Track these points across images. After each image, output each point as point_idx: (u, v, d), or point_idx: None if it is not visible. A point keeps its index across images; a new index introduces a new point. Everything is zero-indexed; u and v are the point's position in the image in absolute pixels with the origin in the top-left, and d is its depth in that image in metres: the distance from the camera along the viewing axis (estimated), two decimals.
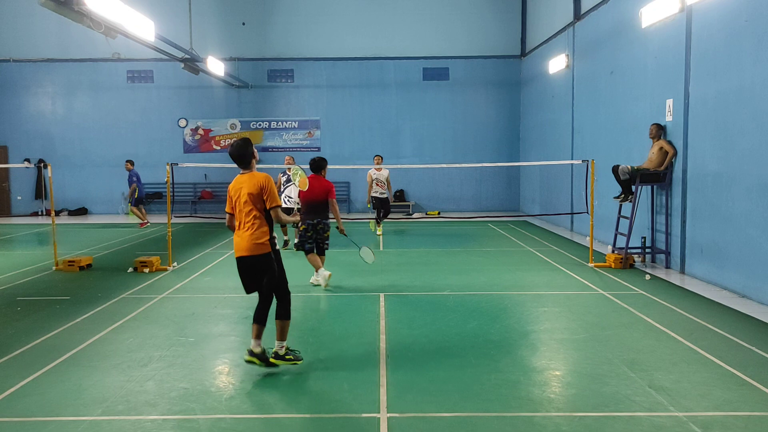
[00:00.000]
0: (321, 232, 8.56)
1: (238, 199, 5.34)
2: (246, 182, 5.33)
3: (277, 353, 5.39)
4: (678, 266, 9.73)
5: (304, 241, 8.54)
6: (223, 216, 5.79)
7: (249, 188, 5.29)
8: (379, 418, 4.42)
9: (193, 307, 7.72)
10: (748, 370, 5.30)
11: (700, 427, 4.23)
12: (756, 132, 7.79)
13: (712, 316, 7.06)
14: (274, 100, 21.22)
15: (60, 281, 9.50)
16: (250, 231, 5.27)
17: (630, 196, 10.41)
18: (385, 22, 20.77)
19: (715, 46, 8.75)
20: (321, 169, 8.56)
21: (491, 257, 11.60)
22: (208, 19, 20.29)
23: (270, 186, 5.31)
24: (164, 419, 4.46)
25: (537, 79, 18.74)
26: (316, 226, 8.48)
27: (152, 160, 20.55)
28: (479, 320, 7.03)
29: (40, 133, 20.97)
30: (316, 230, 8.51)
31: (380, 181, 14.55)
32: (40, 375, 5.32)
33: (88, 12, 10.17)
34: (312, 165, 8.57)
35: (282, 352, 5.40)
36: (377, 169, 14.57)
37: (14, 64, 20.79)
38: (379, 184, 14.55)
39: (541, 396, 4.83)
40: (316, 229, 8.50)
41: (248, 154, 5.39)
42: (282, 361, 5.38)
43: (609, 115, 12.78)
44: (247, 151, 5.37)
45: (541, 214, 17.44)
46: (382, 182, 14.55)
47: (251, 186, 5.29)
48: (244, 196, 5.29)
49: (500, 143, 21.13)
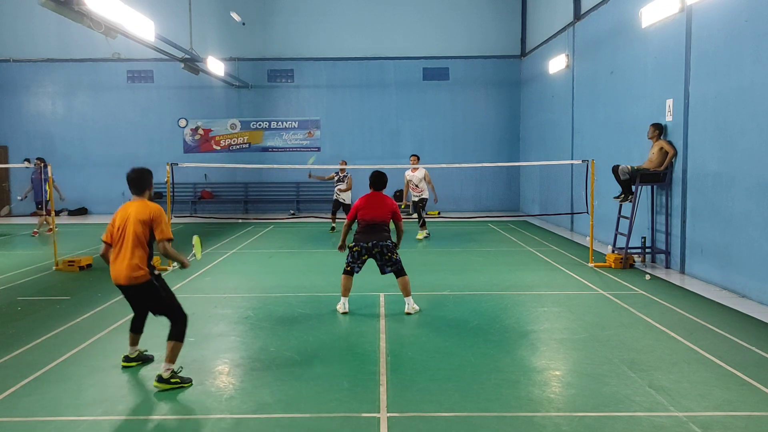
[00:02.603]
0: (380, 257, 7.31)
1: (124, 225, 5.10)
2: (136, 209, 5.12)
3: (161, 376, 4.98)
4: (678, 266, 9.73)
5: (351, 263, 7.38)
6: (224, 216, 5.78)
7: (139, 215, 5.08)
8: (379, 417, 4.42)
9: (193, 307, 7.71)
10: (748, 370, 5.30)
11: (700, 427, 4.23)
12: (756, 132, 7.79)
13: (712, 316, 7.06)
14: (274, 100, 21.22)
15: (60, 281, 9.50)
16: (128, 260, 5.04)
17: (630, 196, 10.41)
18: (385, 22, 20.78)
19: (715, 46, 8.75)
20: (383, 185, 7.56)
21: (491, 257, 11.60)
22: (208, 19, 20.30)
23: (162, 218, 5.08)
24: (164, 419, 4.47)
25: (537, 79, 18.74)
26: (371, 250, 7.27)
27: (152, 160, 20.49)
28: (479, 320, 7.03)
29: (40, 133, 20.98)
30: (372, 255, 7.30)
31: (413, 183, 13.77)
32: (40, 375, 5.32)
33: (88, 12, 10.17)
34: (373, 181, 7.55)
35: (167, 375, 4.98)
36: (413, 170, 13.87)
37: (14, 64, 20.80)
38: (412, 188, 13.82)
39: (541, 396, 4.83)
40: (372, 254, 7.30)
41: (146, 180, 5.25)
42: (166, 385, 4.95)
43: (609, 115, 12.78)
44: (144, 176, 5.24)
45: (541, 214, 17.44)
46: (415, 184, 13.77)
47: (142, 213, 5.09)
48: (132, 223, 5.07)
49: (500, 143, 21.13)
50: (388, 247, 7.27)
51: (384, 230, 7.34)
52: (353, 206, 7.52)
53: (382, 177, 7.57)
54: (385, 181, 7.57)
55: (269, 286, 9.02)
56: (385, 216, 7.36)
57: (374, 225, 7.29)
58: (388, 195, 8.11)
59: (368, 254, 7.31)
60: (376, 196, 7.48)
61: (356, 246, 7.31)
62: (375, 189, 7.53)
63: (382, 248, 7.24)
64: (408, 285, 7.35)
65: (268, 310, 7.52)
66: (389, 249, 7.27)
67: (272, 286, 9.02)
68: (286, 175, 20.91)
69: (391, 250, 7.29)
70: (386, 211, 7.38)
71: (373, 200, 7.42)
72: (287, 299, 8.14)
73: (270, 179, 21.34)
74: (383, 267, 7.36)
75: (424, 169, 13.92)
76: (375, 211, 7.34)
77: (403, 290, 7.36)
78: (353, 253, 7.34)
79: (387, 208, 7.39)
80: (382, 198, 7.47)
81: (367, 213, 7.34)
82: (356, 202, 7.50)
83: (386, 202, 7.43)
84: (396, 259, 7.32)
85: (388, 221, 7.40)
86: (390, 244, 7.29)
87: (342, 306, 7.40)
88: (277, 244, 13.44)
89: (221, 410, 4.59)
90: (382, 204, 7.40)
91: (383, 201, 7.44)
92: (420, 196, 13.87)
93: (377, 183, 7.54)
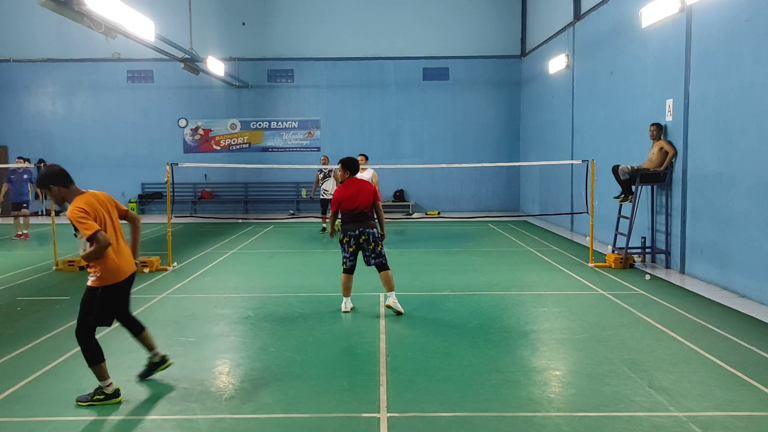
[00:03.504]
0: (366, 245, 7.23)
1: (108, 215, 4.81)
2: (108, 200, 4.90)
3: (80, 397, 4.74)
4: (678, 266, 9.72)
5: (346, 258, 7.33)
6: (224, 216, 5.75)
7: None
8: (379, 417, 4.42)
9: (193, 307, 7.72)
10: (748, 370, 5.30)
11: (700, 427, 4.23)
12: (756, 132, 7.79)
13: (712, 316, 7.06)
14: (274, 100, 21.22)
15: (60, 281, 9.50)
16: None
17: (630, 196, 10.41)
18: (385, 22, 20.78)
19: (715, 46, 8.75)
20: (357, 170, 7.47)
21: (491, 257, 11.60)
22: (208, 19, 20.30)
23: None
24: (164, 419, 4.47)
25: (537, 79, 18.73)
26: (358, 238, 7.20)
27: (152, 160, 20.58)
28: (479, 320, 7.03)
29: (40, 133, 20.98)
30: (359, 244, 7.23)
31: None
32: (40, 375, 5.32)
33: (88, 12, 10.17)
34: (346, 166, 7.41)
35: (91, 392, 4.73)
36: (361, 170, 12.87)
37: (14, 64, 20.79)
38: None
39: (541, 396, 4.83)
40: (359, 243, 7.22)
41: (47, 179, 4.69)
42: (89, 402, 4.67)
43: (609, 115, 12.78)
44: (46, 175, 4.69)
45: (541, 214, 17.44)
46: None
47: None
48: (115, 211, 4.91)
49: (500, 143, 21.12)
50: (374, 236, 7.23)
51: (369, 217, 7.27)
52: (334, 198, 7.33)
53: (355, 163, 7.45)
54: (357, 166, 7.48)
55: (269, 286, 9.02)
56: (368, 202, 7.25)
57: (359, 213, 7.22)
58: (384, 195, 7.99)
59: (356, 244, 7.23)
60: (355, 183, 7.31)
61: (345, 237, 7.27)
62: (352, 174, 7.39)
63: (369, 236, 7.19)
64: (391, 280, 7.27)
65: (268, 310, 7.52)
66: (375, 238, 7.23)
67: (272, 286, 9.02)
68: (286, 175, 20.90)
69: (377, 240, 7.25)
70: (368, 197, 7.26)
71: (353, 188, 7.26)
72: (287, 299, 8.14)
73: (270, 179, 21.34)
74: (368, 258, 7.30)
75: (372, 170, 13.12)
76: (357, 199, 7.21)
77: (386, 284, 7.28)
78: (343, 245, 7.31)
79: (368, 193, 7.27)
80: (359, 183, 7.33)
81: (350, 203, 7.22)
82: (336, 194, 7.32)
83: (365, 188, 7.29)
84: (381, 252, 7.29)
85: (371, 207, 7.30)
86: (376, 233, 7.27)
87: (344, 305, 7.44)
88: (277, 244, 13.44)
89: (221, 410, 4.59)
90: (362, 190, 7.26)
91: (362, 187, 7.29)
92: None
93: (352, 167, 7.39)
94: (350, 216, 7.24)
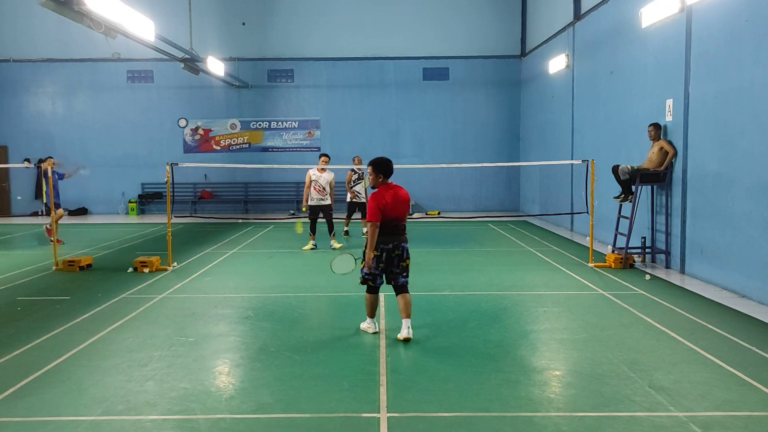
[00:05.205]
0: (397, 261, 6.31)
1: None
2: None
3: None
4: (678, 266, 9.72)
5: (376, 275, 6.36)
6: (224, 216, 5.69)
7: None
8: (379, 417, 4.42)
9: (193, 307, 7.72)
10: (748, 370, 5.30)
11: (700, 427, 4.23)
12: (756, 132, 7.79)
13: (712, 316, 7.06)
14: (274, 100, 21.23)
15: (60, 281, 9.49)
16: None
17: (630, 196, 10.42)
18: (385, 22, 20.78)
19: (715, 46, 8.75)
20: (391, 173, 6.42)
21: (491, 257, 11.60)
22: (208, 19, 20.31)
23: None
24: (164, 419, 4.46)
25: (537, 79, 18.74)
26: (391, 253, 6.26)
27: (152, 160, 20.58)
28: (479, 320, 7.03)
29: (40, 133, 20.97)
30: (390, 259, 6.29)
31: (319, 185, 12.24)
32: (40, 375, 5.32)
33: (88, 12, 10.17)
34: (379, 168, 6.36)
35: None
36: (320, 170, 12.30)
37: (14, 64, 20.79)
38: (317, 189, 12.24)
39: (541, 396, 4.83)
40: (391, 258, 6.28)
41: None
42: None
43: (609, 115, 12.78)
44: None
45: (541, 214, 17.44)
46: (322, 186, 12.25)
47: None
48: None
49: (500, 143, 21.13)
50: (407, 251, 6.38)
51: (404, 230, 6.43)
52: (375, 204, 6.23)
53: (389, 164, 6.46)
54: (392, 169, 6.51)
55: (269, 286, 9.01)
56: (406, 211, 6.45)
57: (396, 225, 6.31)
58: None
59: (387, 260, 6.29)
60: (392, 189, 6.34)
61: (377, 250, 6.28)
62: (386, 178, 6.40)
63: (403, 251, 6.32)
64: (410, 305, 6.35)
65: (268, 310, 7.52)
66: (407, 254, 6.38)
67: (272, 286, 9.02)
68: (286, 175, 20.90)
69: (408, 255, 6.41)
70: (407, 206, 6.44)
71: (391, 195, 6.29)
72: (287, 299, 8.14)
73: (270, 179, 21.34)
74: (398, 276, 6.33)
75: (332, 173, 12.51)
76: (400, 207, 6.32)
77: (405, 309, 6.30)
78: (374, 259, 6.30)
79: (406, 202, 6.42)
80: (396, 190, 6.36)
81: (393, 211, 6.25)
82: (376, 200, 6.24)
83: (402, 195, 6.39)
84: (408, 268, 6.42)
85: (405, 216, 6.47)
86: (407, 246, 6.42)
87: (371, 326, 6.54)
88: (277, 244, 13.44)
89: (221, 410, 4.59)
90: (404, 198, 6.38)
91: (399, 194, 6.36)
92: (323, 202, 12.27)
93: (389, 171, 6.41)
94: (388, 227, 6.27)
